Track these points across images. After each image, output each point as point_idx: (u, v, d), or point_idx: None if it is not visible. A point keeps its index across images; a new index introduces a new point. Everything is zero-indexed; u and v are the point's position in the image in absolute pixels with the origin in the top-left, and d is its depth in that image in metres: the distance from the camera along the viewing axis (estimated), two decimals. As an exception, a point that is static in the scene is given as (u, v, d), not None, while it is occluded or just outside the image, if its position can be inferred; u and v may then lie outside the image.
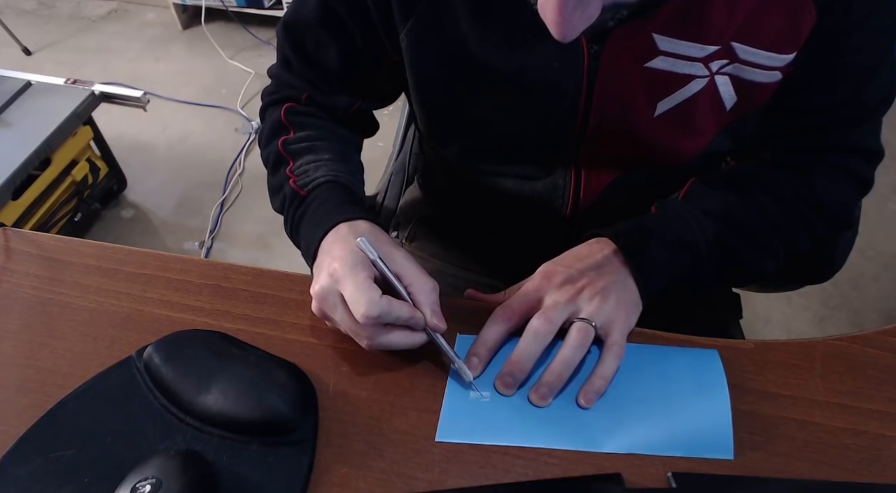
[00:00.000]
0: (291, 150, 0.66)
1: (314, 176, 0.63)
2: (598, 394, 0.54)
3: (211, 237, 1.81)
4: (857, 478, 0.50)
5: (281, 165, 0.66)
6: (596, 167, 0.66)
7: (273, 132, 0.68)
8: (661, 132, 0.60)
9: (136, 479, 0.46)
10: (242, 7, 2.37)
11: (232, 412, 0.52)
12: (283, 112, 0.68)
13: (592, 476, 0.50)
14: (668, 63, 0.55)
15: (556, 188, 0.67)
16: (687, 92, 0.57)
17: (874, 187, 0.67)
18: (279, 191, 0.65)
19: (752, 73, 0.56)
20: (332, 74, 0.67)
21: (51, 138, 1.54)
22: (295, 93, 0.69)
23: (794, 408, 0.54)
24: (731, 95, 0.58)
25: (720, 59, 0.55)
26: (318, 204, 0.61)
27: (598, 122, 0.60)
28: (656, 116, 0.59)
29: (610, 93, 0.58)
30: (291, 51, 0.67)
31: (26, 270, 0.66)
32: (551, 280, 0.57)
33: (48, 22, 2.58)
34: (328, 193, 0.62)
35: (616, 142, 0.62)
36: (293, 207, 0.63)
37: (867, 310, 1.60)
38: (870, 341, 0.59)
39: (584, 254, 0.59)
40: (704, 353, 0.57)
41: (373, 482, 0.51)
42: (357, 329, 0.53)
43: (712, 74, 0.56)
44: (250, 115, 2.13)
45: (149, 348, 0.56)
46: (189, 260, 0.67)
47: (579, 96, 0.58)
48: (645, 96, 0.58)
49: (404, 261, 0.55)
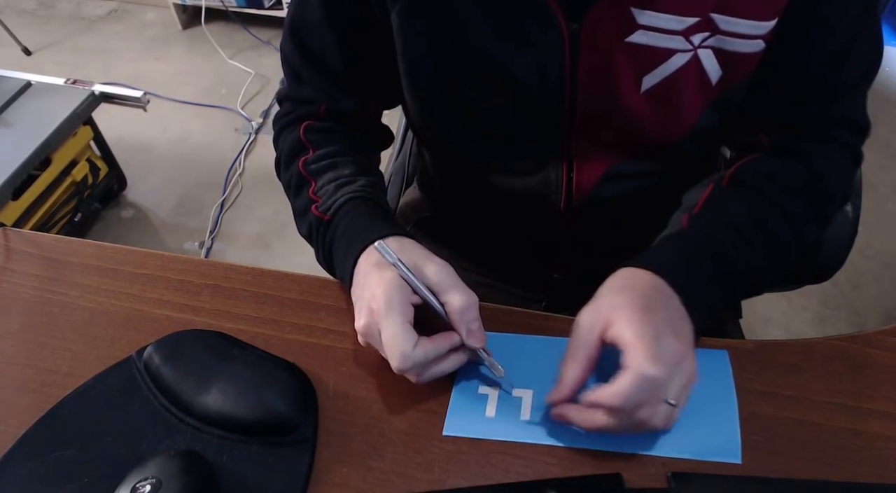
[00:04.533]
0: (312, 170, 0.65)
1: (335, 198, 0.62)
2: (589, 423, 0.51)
3: (211, 237, 1.81)
4: (857, 478, 0.50)
5: (303, 187, 0.65)
6: (587, 158, 0.66)
7: (292, 153, 0.67)
8: (649, 112, 0.60)
9: (136, 479, 0.46)
10: (242, 7, 2.37)
11: (232, 412, 0.52)
12: (302, 131, 0.67)
13: (592, 476, 0.50)
14: (648, 37, 0.55)
15: (548, 183, 0.67)
16: (671, 66, 0.57)
17: (874, 187, 0.67)
18: (304, 215, 0.65)
19: (735, 43, 0.56)
20: (341, 76, 0.66)
21: (51, 138, 1.54)
22: (312, 109, 0.68)
23: (794, 408, 0.54)
24: (715, 69, 0.58)
25: (701, 31, 0.55)
26: (344, 227, 0.60)
27: (585, 103, 0.60)
28: (643, 92, 0.59)
29: (594, 71, 0.58)
30: (300, 57, 0.66)
31: (26, 270, 0.66)
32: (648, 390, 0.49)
33: (48, 22, 2.58)
34: (352, 212, 0.60)
35: (606, 127, 0.62)
36: (320, 235, 0.62)
37: (867, 310, 1.60)
38: (870, 341, 0.59)
39: (658, 309, 0.52)
40: (713, 354, 0.57)
41: (373, 482, 0.51)
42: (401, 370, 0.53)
43: (695, 48, 0.56)
44: (250, 115, 2.13)
45: (149, 348, 0.56)
46: (189, 260, 0.67)
47: (564, 78, 0.58)
48: (629, 72, 0.58)
49: (439, 275, 0.54)
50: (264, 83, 2.26)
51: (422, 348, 0.51)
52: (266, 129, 2.08)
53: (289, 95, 0.70)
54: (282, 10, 2.32)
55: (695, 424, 0.53)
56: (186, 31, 2.51)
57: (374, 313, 0.52)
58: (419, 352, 0.51)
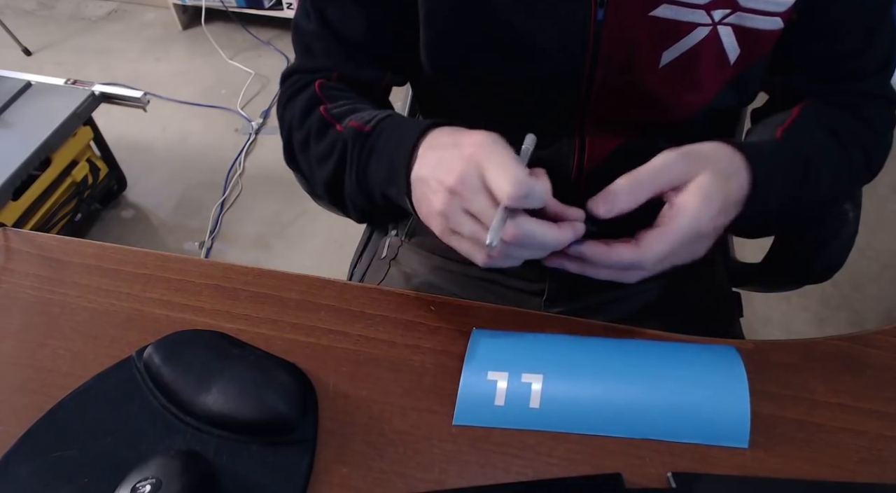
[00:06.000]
0: (334, 113, 0.61)
1: (373, 114, 0.58)
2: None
3: (211, 237, 1.81)
4: (857, 478, 0.50)
5: (328, 128, 0.61)
6: (601, 133, 0.65)
7: (308, 107, 0.63)
8: (665, 85, 0.60)
9: (136, 479, 0.46)
10: (242, 7, 2.37)
11: (232, 412, 0.52)
12: (317, 87, 0.64)
13: (592, 476, 0.50)
14: (672, 11, 0.56)
15: (560, 155, 0.67)
16: (691, 40, 0.57)
17: (874, 187, 0.67)
18: (332, 150, 0.59)
19: (754, 20, 0.57)
20: (360, 47, 0.65)
21: (51, 139, 1.53)
22: (324, 73, 0.66)
23: (794, 408, 0.54)
24: (734, 47, 0.58)
25: (722, 7, 0.56)
26: (392, 128, 0.56)
27: (604, 75, 0.60)
28: (661, 66, 0.59)
29: (616, 44, 0.58)
30: (317, 26, 0.64)
31: (26, 270, 0.66)
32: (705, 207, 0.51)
33: (48, 22, 2.58)
34: (397, 121, 0.57)
35: (621, 100, 0.62)
36: (358, 146, 0.57)
37: (867, 310, 1.60)
38: (870, 341, 0.59)
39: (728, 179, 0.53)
40: (723, 349, 0.58)
41: (373, 482, 0.51)
42: (494, 221, 0.47)
43: (715, 24, 0.57)
44: (250, 115, 2.13)
45: (149, 348, 0.56)
46: (189, 260, 0.67)
47: (586, 49, 0.58)
48: (650, 46, 0.58)
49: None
50: (264, 83, 2.26)
51: (533, 178, 0.47)
52: (266, 129, 2.08)
53: (297, 68, 0.68)
54: (282, 11, 2.32)
55: (703, 410, 0.53)
56: (186, 32, 2.51)
57: (472, 156, 0.47)
58: (534, 183, 0.46)
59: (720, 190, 0.51)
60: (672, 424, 0.52)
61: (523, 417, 0.53)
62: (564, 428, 0.53)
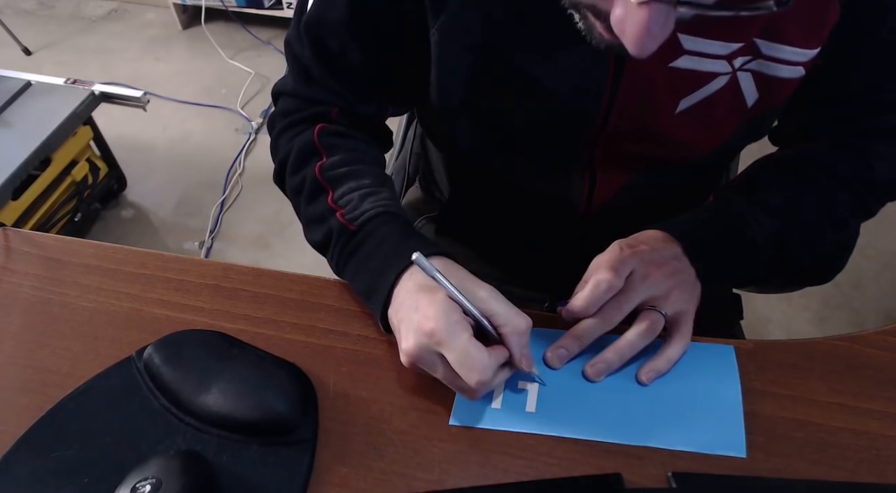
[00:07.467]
0: (329, 176, 0.62)
1: (362, 208, 0.59)
2: (659, 374, 0.56)
3: (211, 237, 1.81)
4: (857, 478, 0.50)
5: (320, 193, 0.62)
6: (611, 168, 0.65)
7: (304, 157, 0.64)
8: (680, 129, 0.60)
9: (136, 479, 0.46)
10: (242, 7, 2.37)
11: (232, 412, 0.52)
12: (315, 134, 0.64)
13: (592, 476, 0.50)
14: (692, 62, 0.55)
15: (570, 189, 0.67)
16: (710, 89, 0.57)
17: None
18: (321, 223, 0.61)
19: (776, 68, 0.56)
20: (359, 80, 0.64)
21: (51, 138, 1.53)
22: (324, 109, 0.65)
23: (794, 408, 0.54)
24: (752, 91, 0.58)
25: (743, 55, 0.55)
26: (376, 242, 0.58)
27: (617, 121, 0.59)
28: (678, 112, 0.58)
29: (633, 93, 0.57)
30: (313, 56, 0.63)
31: (26, 270, 0.66)
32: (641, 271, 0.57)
33: (48, 22, 2.58)
34: (384, 228, 0.58)
35: (633, 140, 0.61)
36: (341, 242, 0.59)
37: (867, 310, 1.60)
38: (870, 341, 0.59)
39: (658, 245, 0.59)
40: (720, 348, 0.58)
41: (373, 482, 0.51)
42: (463, 386, 0.51)
43: (734, 71, 0.56)
44: (250, 115, 2.13)
45: (149, 348, 0.56)
46: (189, 260, 0.67)
47: (602, 97, 0.58)
48: (668, 95, 0.57)
49: (492, 298, 0.53)
50: (264, 83, 2.25)
51: (493, 359, 0.51)
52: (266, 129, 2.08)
53: (295, 91, 0.67)
54: (282, 10, 2.32)
55: (699, 417, 0.53)
56: (186, 31, 2.50)
57: (431, 334, 0.50)
58: (493, 362, 0.51)
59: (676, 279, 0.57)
60: (669, 433, 0.52)
61: (519, 420, 0.54)
62: (559, 432, 0.53)
